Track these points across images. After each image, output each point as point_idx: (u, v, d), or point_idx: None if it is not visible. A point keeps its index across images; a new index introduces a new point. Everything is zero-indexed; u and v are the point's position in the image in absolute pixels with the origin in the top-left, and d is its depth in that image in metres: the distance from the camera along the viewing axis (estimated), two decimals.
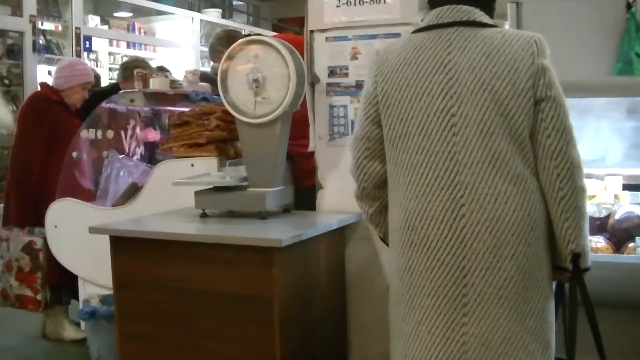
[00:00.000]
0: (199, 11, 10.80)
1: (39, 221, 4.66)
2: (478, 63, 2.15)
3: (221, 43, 5.06)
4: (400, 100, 2.23)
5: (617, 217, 3.22)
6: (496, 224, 2.11)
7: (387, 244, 2.46)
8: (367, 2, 3.37)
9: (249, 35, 4.44)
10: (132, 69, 4.92)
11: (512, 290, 2.12)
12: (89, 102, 5.02)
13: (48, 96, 5.00)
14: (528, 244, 2.13)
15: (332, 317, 3.38)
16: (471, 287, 2.12)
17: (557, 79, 2.17)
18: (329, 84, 3.46)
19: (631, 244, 3.09)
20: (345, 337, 3.49)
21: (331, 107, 3.47)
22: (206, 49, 5.97)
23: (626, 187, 3.42)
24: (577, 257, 2.18)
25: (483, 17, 2.25)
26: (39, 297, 4.68)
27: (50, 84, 5.18)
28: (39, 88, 5.60)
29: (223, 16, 11.57)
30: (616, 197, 3.35)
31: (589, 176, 2.41)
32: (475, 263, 2.11)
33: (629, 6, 3.43)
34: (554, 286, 2.29)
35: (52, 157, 4.80)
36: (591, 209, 3.19)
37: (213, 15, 11.03)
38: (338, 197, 3.42)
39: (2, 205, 5.21)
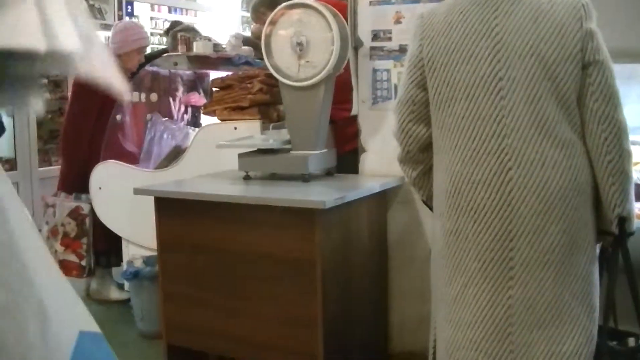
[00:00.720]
0: None
1: (87, 188, 4.69)
2: (525, 27, 2.14)
3: (264, 4, 5.04)
4: (446, 64, 2.22)
5: None
6: (543, 188, 2.10)
7: (430, 208, 2.46)
8: None
9: None
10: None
11: (558, 254, 2.11)
12: (139, 67, 5.05)
13: None
14: (574, 208, 2.13)
15: (372, 280, 3.41)
16: (517, 251, 2.12)
17: (604, 44, 2.16)
18: (372, 48, 3.46)
19: None
20: (385, 300, 3.52)
21: (374, 71, 3.47)
22: (247, 14, 5.96)
23: None
24: (623, 221, 2.18)
25: None
26: (83, 262, 4.71)
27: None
28: None
29: None
30: None
31: (633, 143, 2.39)
32: (522, 227, 2.11)
33: None
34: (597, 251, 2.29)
35: (102, 125, 4.80)
36: (635, 175, 3.17)
37: None
38: (380, 160, 3.43)
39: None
